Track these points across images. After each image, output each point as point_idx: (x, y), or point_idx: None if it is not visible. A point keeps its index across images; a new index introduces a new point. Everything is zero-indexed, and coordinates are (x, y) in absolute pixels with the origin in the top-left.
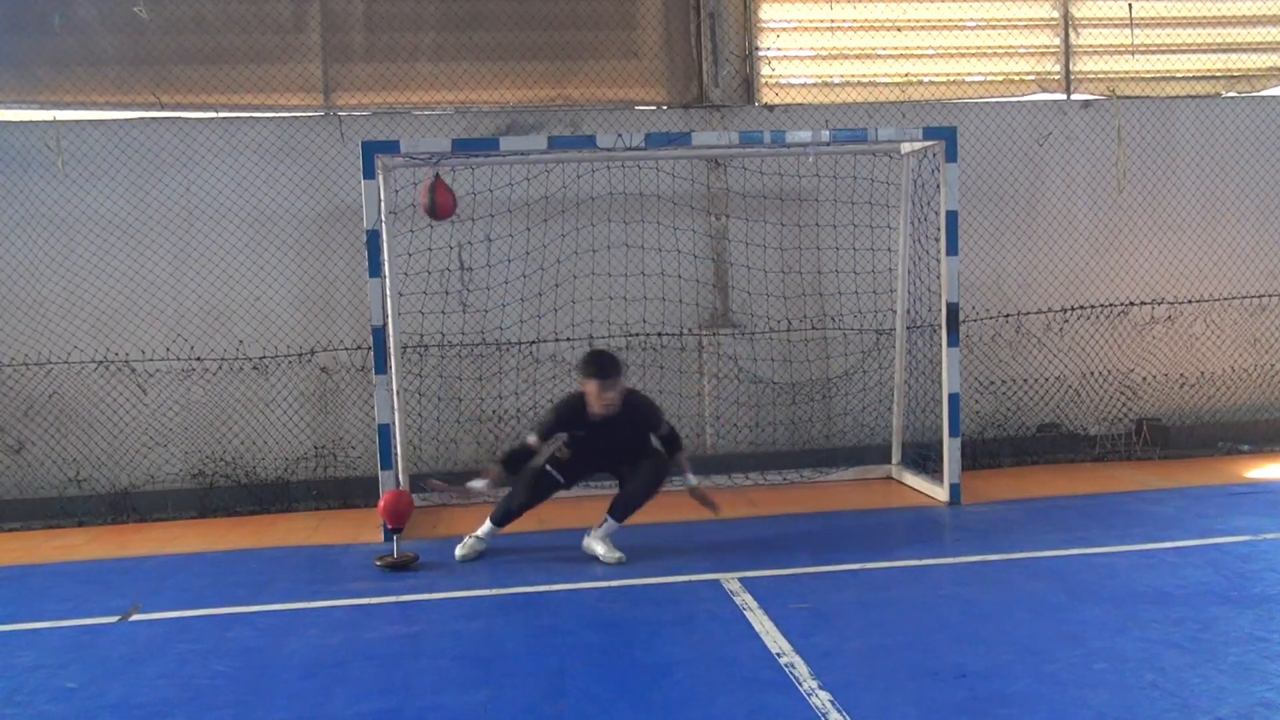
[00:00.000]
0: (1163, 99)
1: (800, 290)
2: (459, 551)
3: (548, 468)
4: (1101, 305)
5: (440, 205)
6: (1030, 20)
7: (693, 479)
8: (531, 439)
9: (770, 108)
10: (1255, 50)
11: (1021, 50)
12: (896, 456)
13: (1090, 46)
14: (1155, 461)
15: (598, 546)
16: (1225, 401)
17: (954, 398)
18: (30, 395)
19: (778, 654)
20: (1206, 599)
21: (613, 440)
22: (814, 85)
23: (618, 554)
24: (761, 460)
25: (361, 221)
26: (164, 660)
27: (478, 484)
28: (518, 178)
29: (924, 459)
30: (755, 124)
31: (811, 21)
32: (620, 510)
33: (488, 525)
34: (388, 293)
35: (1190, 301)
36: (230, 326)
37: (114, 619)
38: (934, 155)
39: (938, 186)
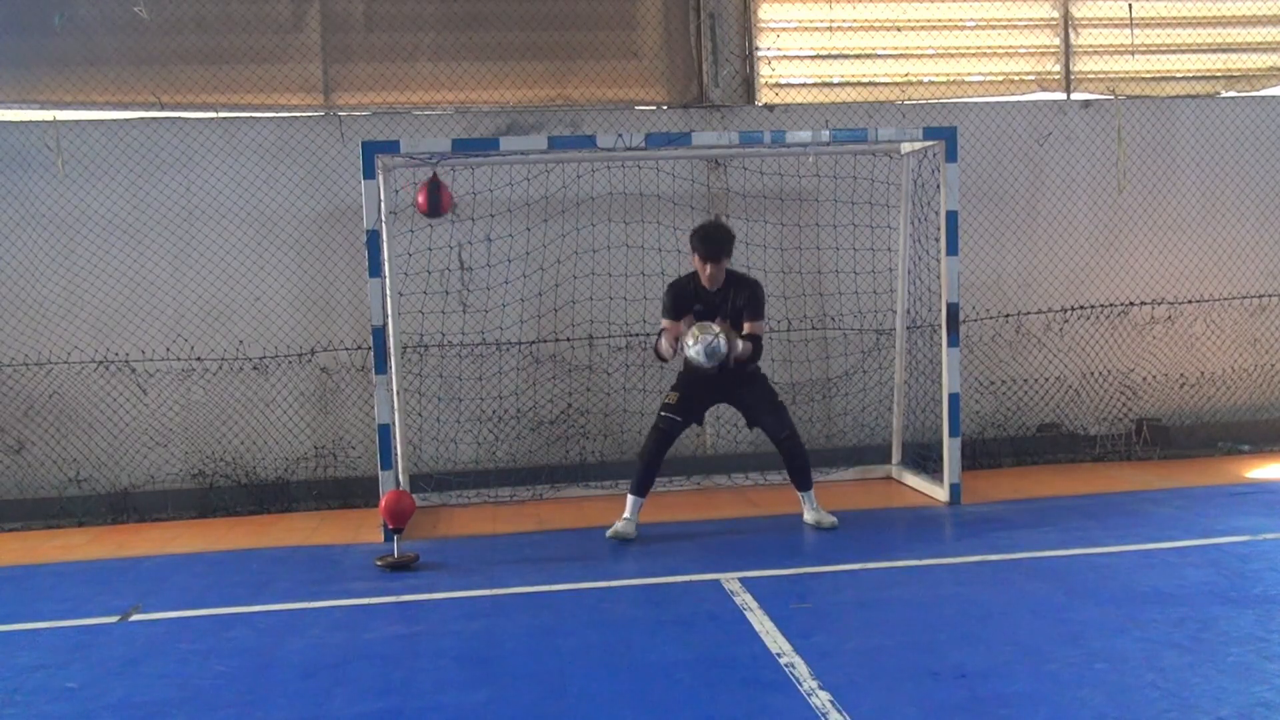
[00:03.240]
0: (1163, 99)
1: (800, 290)
2: (610, 533)
3: (664, 413)
4: (1101, 305)
5: (439, 202)
6: (1030, 20)
7: (740, 345)
8: (666, 322)
9: (770, 108)
10: (1255, 50)
11: (1021, 50)
12: (897, 456)
13: (1090, 46)
14: (1155, 461)
15: (815, 517)
16: (1225, 401)
17: (954, 398)
18: (30, 395)
19: (778, 654)
20: (1207, 599)
21: (726, 313)
22: (814, 85)
23: (829, 518)
24: (761, 460)
25: (361, 221)
26: (164, 660)
27: (664, 347)
28: (518, 178)
29: (924, 459)
30: (755, 124)
31: (811, 21)
32: (804, 484)
33: (630, 500)
34: (388, 293)
35: (1190, 301)
36: (230, 326)
37: (114, 619)
38: (934, 155)
39: (938, 186)
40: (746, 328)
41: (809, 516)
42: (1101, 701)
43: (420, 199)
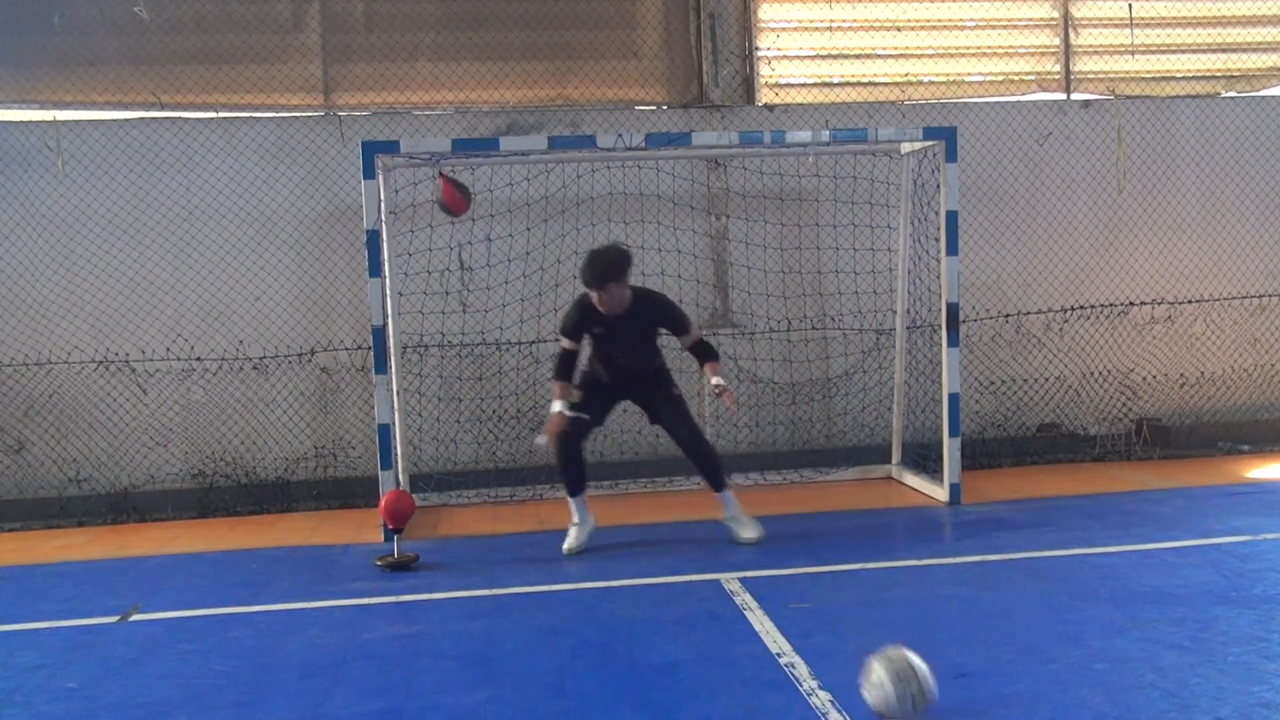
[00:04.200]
0: (1163, 99)
1: (800, 290)
2: (565, 546)
3: (570, 414)
4: (1101, 305)
5: (451, 203)
6: (1030, 20)
7: (716, 380)
8: (564, 342)
9: (770, 108)
10: (1255, 50)
11: (1021, 50)
12: (896, 456)
13: (1090, 46)
14: (1155, 461)
15: (736, 530)
16: (1225, 401)
17: (954, 398)
18: (30, 395)
19: (778, 654)
20: (1206, 599)
21: (631, 339)
22: (814, 85)
23: (753, 532)
24: (761, 460)
25: (361, 221)
26: (164, 660)
27: (557, 406)
28: (518, 178)
29: (924, 459)
30: (755, 124)
31: (811, 21)
32: (711, 483)
33: (571, 504)
34: (388, 293)
35: (1190, 301)
36: (230, 326)
37: (114, 619)
38: (934, 155)
39: (938, 186)
40: (688, 342)
41: (727, 519)
42: (1101, 702)
43: (447, 197)
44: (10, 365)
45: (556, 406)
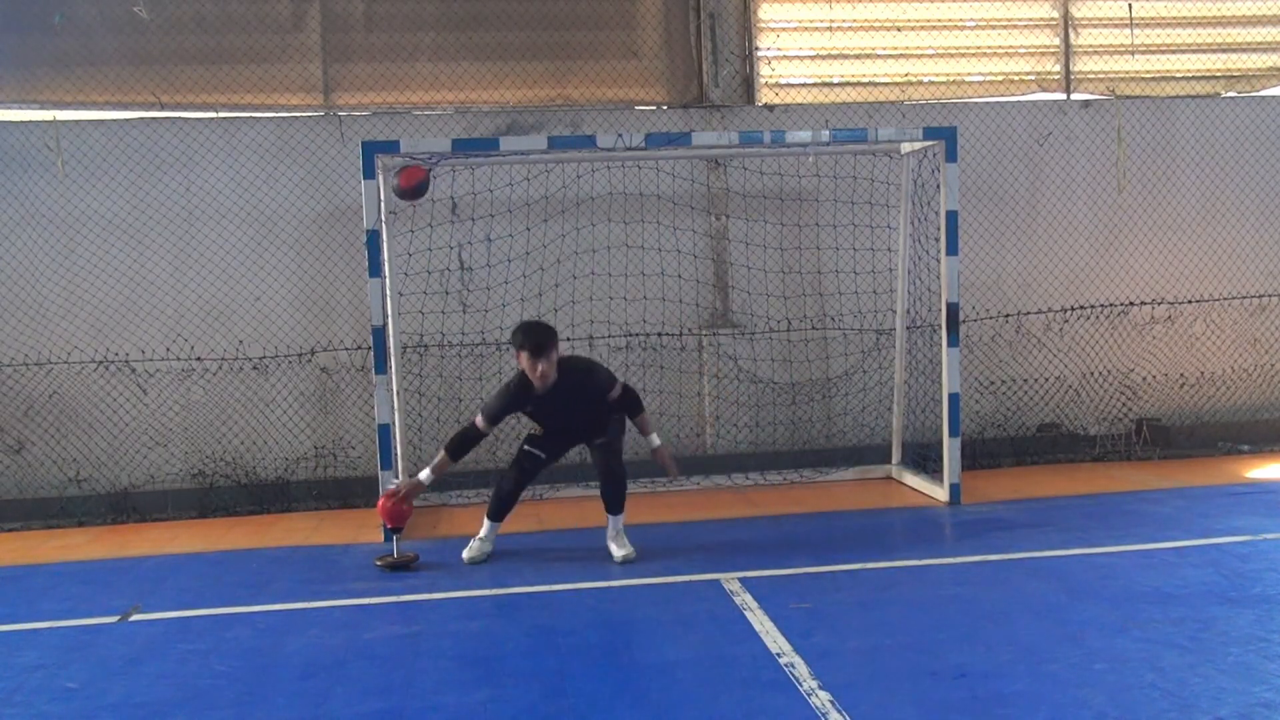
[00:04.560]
0: (1162, 99)
1: (800, 290)
2: (466, 555)
3: (526, 447)
4: (1101, 305)
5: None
6: (1030, 20)
7: (655, 440)
8: (479, 421)
9: (770, 108)
10: (1255, 50)
11: (1021, 50)
12: (896, 456)
13: (1090, 46)
14: (1155, 461)
15: (612, 547)
16: (1225, 401)
17: (954, 398)
18: (30, 395)
19: (777, 654)
20: (1206, 599)
21: (569, 411)
22: (814, 85)
23: (624, 551)
24: (761, 460)
25: (361, 221)
26: (164, 660)
27: (424, 474)
28: (518, 178)
29: (924, 459)
30: (755, 124)
31: (811, 21)
32: (609, 504)
33: (486, 524)
34: (388, 293)
35: (1190, 301)
36: (230, 326)
37: (114, 619)
38: (934, 155)
39: (937, 186)
40: (616, 397)
41: (612, 546)
42: (1101, 701)
43: (403, 181)
44: (10, 365)
45: (424, 475)
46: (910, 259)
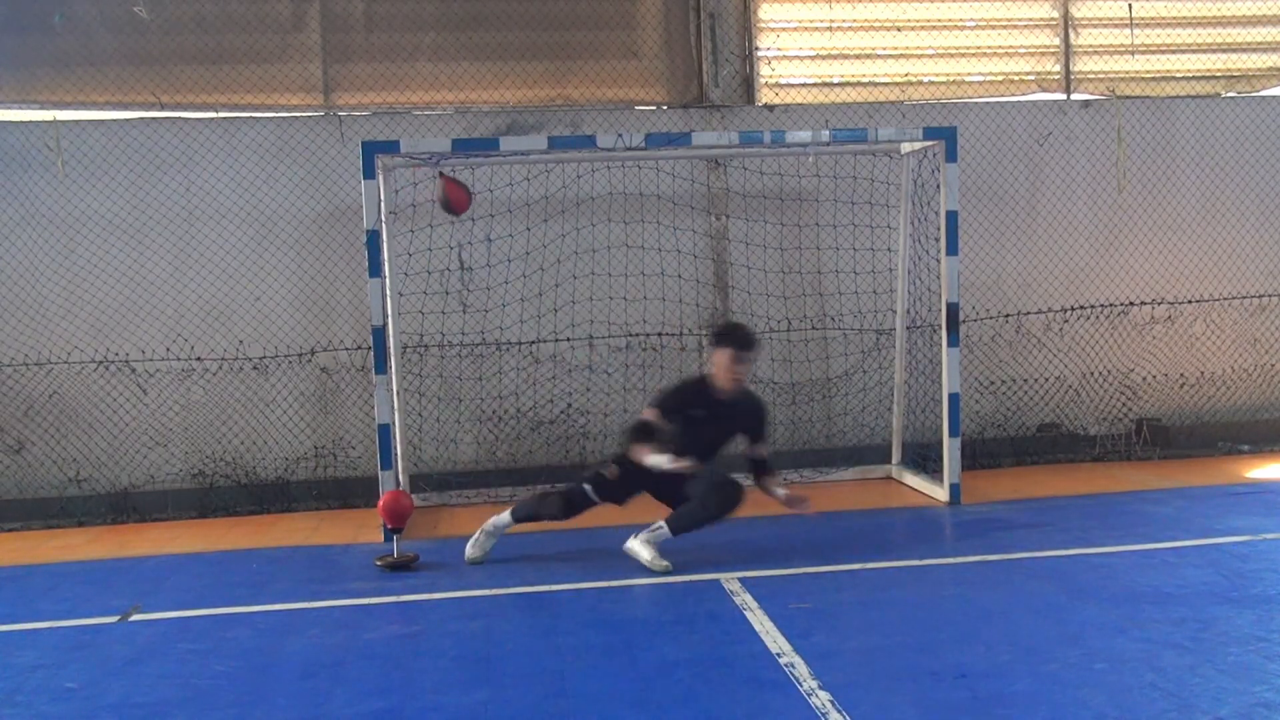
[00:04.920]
0: (1162, 99)
1: (800, 290)
2: (469, 551)
3: (586, 488)
4: (1101, 305)
5: (454, 201)
6: (1030, 20)
7: (782, 492)
8: (649, 413)
9: (770, 108)
10: (1255, 50)
11: (1021, 50)
12: (896, 456)
13: (1090, 46)
14: (1155, 461)
15: (644, 552)
16: (1225, 401)
17: (954, 398)
18: (30, 395)
19: (777, 654)
20: (1206, 599)
21: (718, 436)
22: (814, 85)
23: (664, 563)
24: None
25: (361, 221)
26: (164, 660)
27: (662, 459)
28: (518, 178)
29: (924, 459)
30: (755, 124)
31: (811, 21)
32: (677, 523)
33: (505, 518)
34: (388, 293)
35: (1190, 301)
36: (230, 326)
37: (114, 619)
38: (934, 155)
39: (937, 186)
40: (760, 453)
41: (644, 550)
42: (1101, 702)
43: (451, 194)
44: (10, 365)
45: (664, 460)
46: (910, 259)
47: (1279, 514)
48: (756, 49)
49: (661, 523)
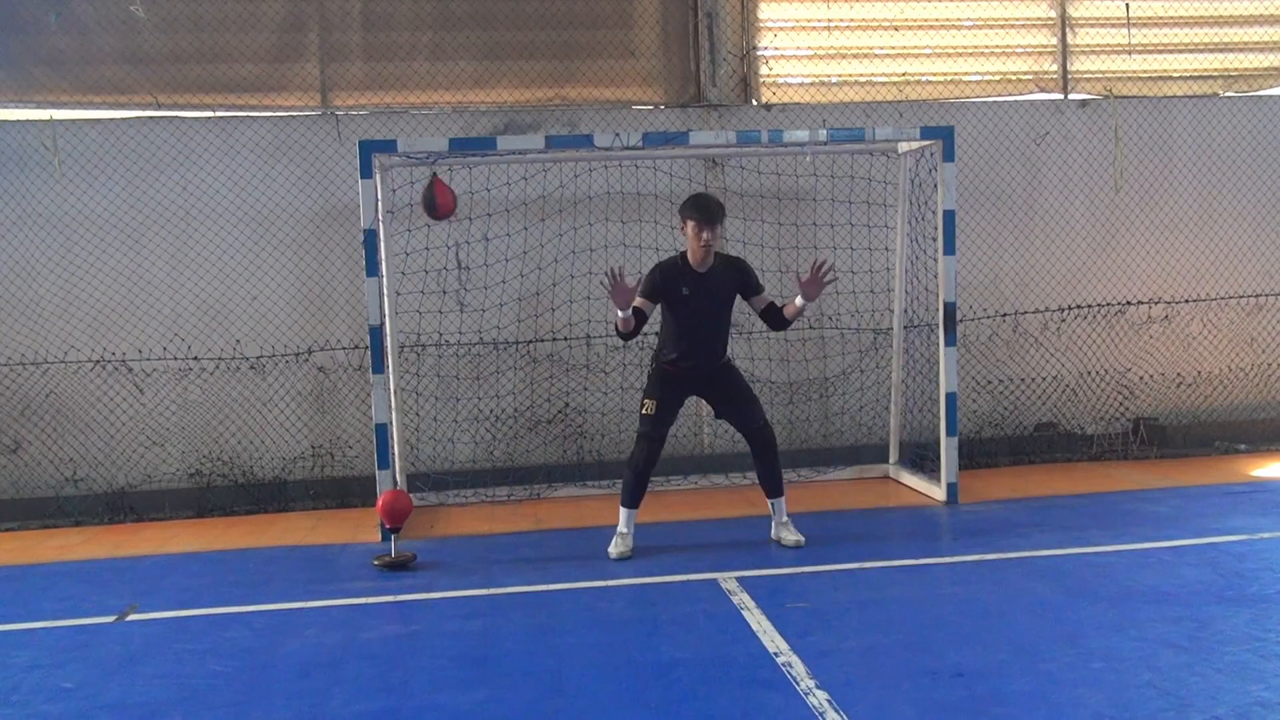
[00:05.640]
0: (1160, 99)
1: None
2: (613, 551)
3: (645, 427)
4: (1099, 305)
5: (440, 205)
6: (1027, 20)
7: (800, 300)
8: (638, 301)
9: (768, 107)
10: (1253, 50)
11: (1018, 50)
12: (894, 456)
13: (1087, 46)
14: (1152, 461)
15: (788, 535)
16: (1222, 401)
17: (951, 397)
18: (27, 395)
19: (775, 653)
20: (1203, 598)
21: (713, 304)
22: (811, 84)
23: (796, 536)
24: None
25: (359, 221)
26: (161, 660)
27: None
28: (515, 177)
29: (921, 458)
30: (753, 123)
31: (809, 21)
32: (772, 486)
33: (624, 513)
34: (385, 292)
35: (1187, 301)
36: (227, 326)
37: (111, 619)
38: (931, 155)
39: (935, 186)
40: (761, 304)
41: (776, 530)
42: (1098, 701)
43: (422, 201)
44: (7, 365)
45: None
46: (907, 258)
47: (1276, 513)
48: (754, 48)
49: (770, 501)
